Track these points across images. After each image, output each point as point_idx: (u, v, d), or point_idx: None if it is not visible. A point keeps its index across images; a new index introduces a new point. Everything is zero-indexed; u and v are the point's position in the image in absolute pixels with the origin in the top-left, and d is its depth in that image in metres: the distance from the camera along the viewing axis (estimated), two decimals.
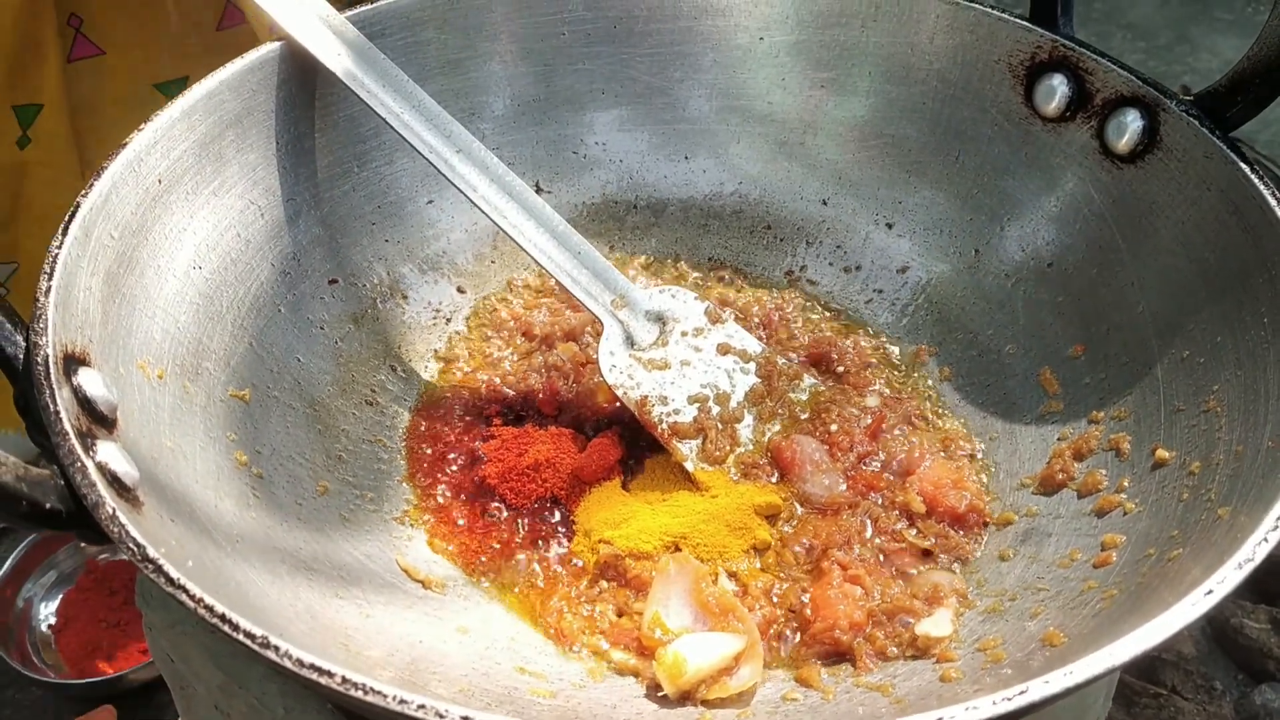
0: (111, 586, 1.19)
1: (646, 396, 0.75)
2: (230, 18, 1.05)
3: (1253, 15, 2.19)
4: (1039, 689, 0.45)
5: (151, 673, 1.09)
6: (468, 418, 0.78)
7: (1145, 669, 1.18)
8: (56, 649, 1.15)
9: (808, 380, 0.79)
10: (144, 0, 1.01)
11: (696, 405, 0.75)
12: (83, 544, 1.19)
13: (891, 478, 0.73)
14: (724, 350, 0.78)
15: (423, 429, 0.77)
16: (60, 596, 1.19)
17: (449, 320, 0.85)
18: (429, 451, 0.75)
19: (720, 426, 0.75)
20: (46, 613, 1.19)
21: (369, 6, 0.79)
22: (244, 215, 0.73)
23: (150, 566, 0.47)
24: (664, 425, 0.74)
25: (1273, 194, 0.65)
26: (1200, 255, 0.69)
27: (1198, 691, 1.16)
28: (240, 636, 0.45)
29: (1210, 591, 0.49)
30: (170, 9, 1.02)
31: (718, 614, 0.64)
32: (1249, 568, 0.49)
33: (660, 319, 0.78)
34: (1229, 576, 0.49)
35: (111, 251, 0.63)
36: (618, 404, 0.76)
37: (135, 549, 0.47)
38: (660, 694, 0.61)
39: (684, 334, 0.78)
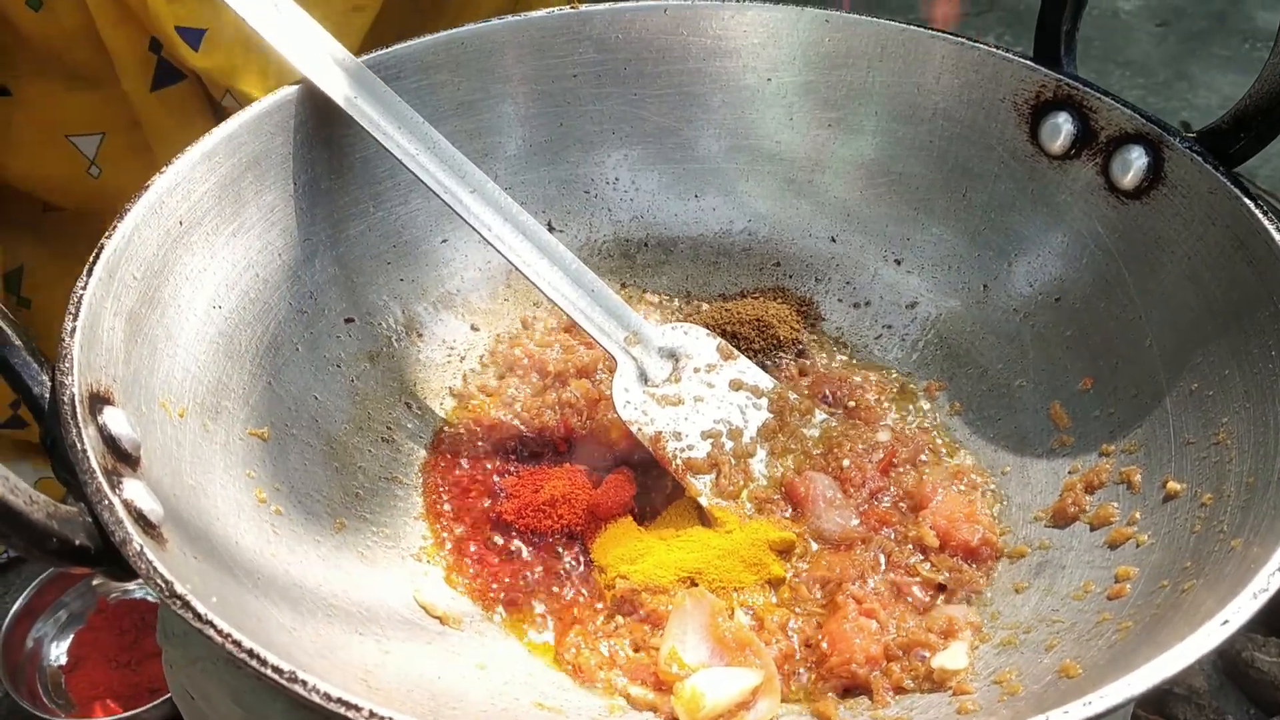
0: (122, 626, 1.18)
1: (661, 432, 0.75)
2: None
3: (1249, 52, 2.21)
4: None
5: (163, 712, 1.09)
6: (483, 454, 0.78)
7: (1157, 703, 1.18)
8: (67, 689, 1.15)
9: (819, 415, 0.79)
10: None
11: (710, 441, 0.76)
12: (95, 582, 1.19)
13: (904, 513, 0.74)
14: (736, 386, 0.79)
15: (438, 466, 0.78)
16: (70, 636, 1.18)
17: (463, 358, 0.85)
18: (445, 488, 0.76)
19: (734, 462, 0.75)
20: (57, 652, 1.18)
21: (385, 50, 0.81)
22: (262, 255, 0.74)
23: (178, 603, 0.47)
24: (678, 461, 0.75)
25: (1277, 229, 0.66)
26: (1206, 289, 0.70)
27: None
28: (269, 671, 0.46)
29: (1226, 622, 0.49)
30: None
31: (734, 648, 0.64)
32: (1264, 598, 0.50)
33: (673, 355, 0.78)
34: (1244, 607, 0.50)
35: (134, 292, 0.64)
36: (631, 440, 0.76)
37: (163, 585, 0.48)
38: None
39: (696, 370, 0.78)
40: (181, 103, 0.99)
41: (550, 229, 0.90)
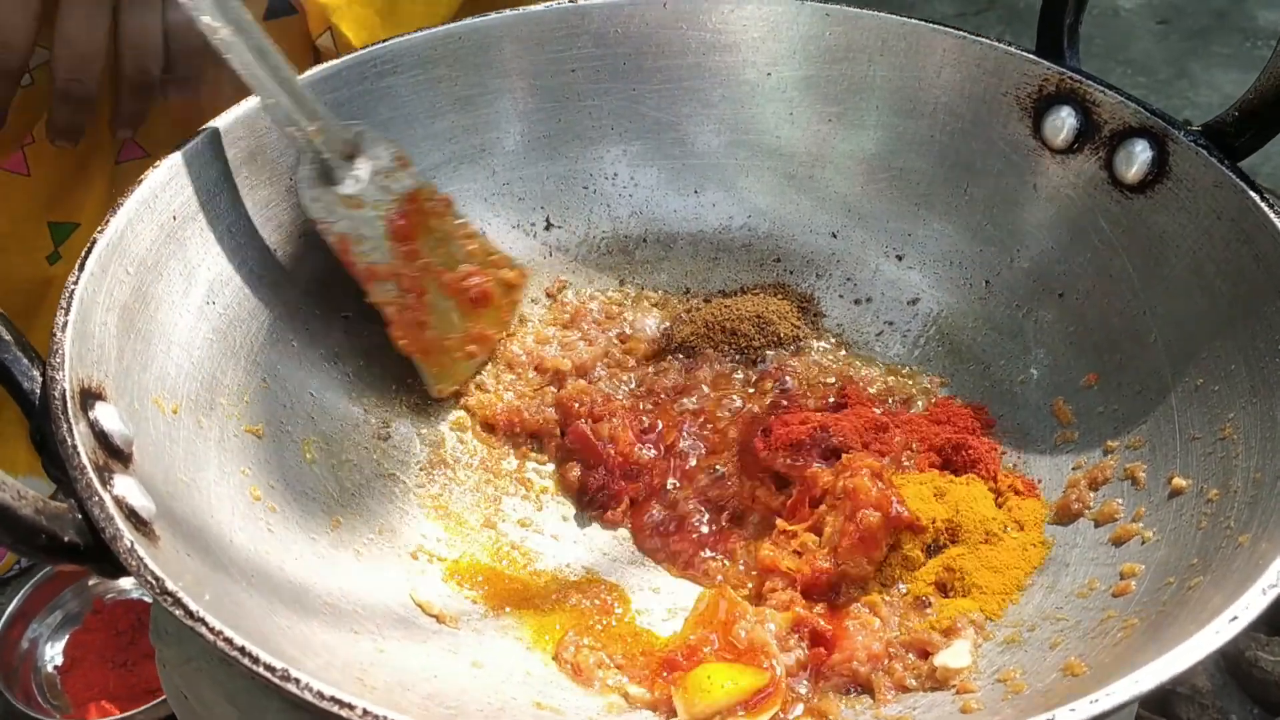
0: (118, 627, 1.18)
1: (346, 234, 0.75)
2: None
3: (1251, 50, 2.20)
4: (1065, 717, 0.45)
5: (160, 713, 1.08)
6: (480, 451, 0.77)
7: (1160, 703, 1.17)
8: (63, 690, 1.14)
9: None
10: (187, 110, 1.01)
11: (390, 246, 0.76)
12: (91, 582, 1.18)
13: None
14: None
15: (436, 463, 0.77)
16: (66, 637, 1.18)
17: None
18: (442, 485, 0.75)
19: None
20: (52, 653, 1.18)
21: (382, 44, 0.80)
22: (257, 250, 0.74)
23: (169, 599, 0.46)
24: (362, 265, 0.75)
25: None
26: (1212, 284, 0.69)
27: None
28: (261, 669, 0.45)
29: (1235, 618, 0.48)
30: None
31: (745, 649, 0.63)
32: (1273, 593, 0.49)
33: (352, 156, 0.77)
34: (1253, 603, 0.49)
35: (127, 287, 0.63)
36: (628, 438, 0.76)
37: (154, 582, 0.47)
38: None
39: (376, 174, 0.77)
40: (288, 36, 0.98)
41: (549, 225, 0.90)
